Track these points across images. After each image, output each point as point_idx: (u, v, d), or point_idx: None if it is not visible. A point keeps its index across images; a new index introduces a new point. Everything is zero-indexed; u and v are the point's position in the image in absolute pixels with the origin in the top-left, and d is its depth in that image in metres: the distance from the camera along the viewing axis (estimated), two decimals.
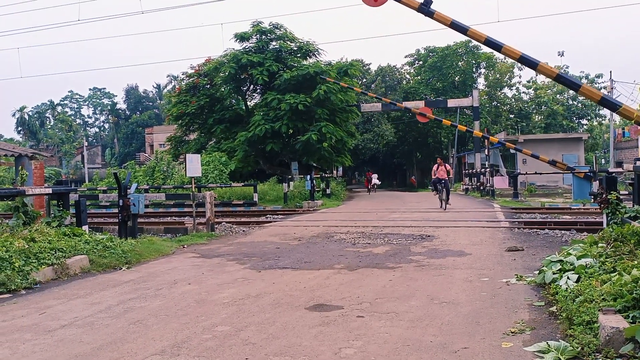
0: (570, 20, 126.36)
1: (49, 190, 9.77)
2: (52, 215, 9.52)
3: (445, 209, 17.04)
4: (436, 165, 18.81)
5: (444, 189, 17.74)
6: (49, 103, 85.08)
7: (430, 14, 7.04)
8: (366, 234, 11.28)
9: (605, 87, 48.75)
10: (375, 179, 36.34)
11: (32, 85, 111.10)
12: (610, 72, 70.20)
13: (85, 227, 9.45)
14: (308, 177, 23.07)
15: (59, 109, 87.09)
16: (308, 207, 20.80)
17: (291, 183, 24.61)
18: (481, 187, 26.79)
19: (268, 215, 17.83)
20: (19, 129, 75.61)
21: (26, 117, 74.97)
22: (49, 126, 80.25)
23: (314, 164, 30.41)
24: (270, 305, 5.44)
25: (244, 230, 12.88)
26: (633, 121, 5.53)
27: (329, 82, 27.29)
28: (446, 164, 18.82)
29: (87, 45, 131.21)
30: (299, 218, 16.15)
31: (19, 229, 8.34)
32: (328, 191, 26.17)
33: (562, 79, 6.30)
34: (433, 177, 18.84)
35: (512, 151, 37.20)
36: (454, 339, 4.19)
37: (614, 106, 5.79)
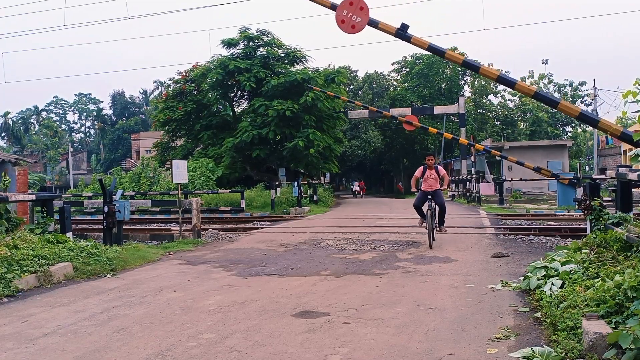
0: (555, 29, 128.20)
1: (33, 197, 9.66)
2: (36, 222, 9.41)
3: (431, 245, 9.86)
4: (422, 167, 10.70)
5: (436, 208, 10.44)
6: (33, 108, 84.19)
7: (407, 38, 7.14)
8: (353, 240, 11.29)
9: (588, 95, 49.49)
10: (357, 186, 44.06)
11: (16, 90, 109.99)
12: (594, 80, 71.22)
13: (70, 234, 9.34)
14: (295, 183, 23.06)
15: (44, 114, 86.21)
16: (295, 213, 20.77)
17: (278, 189, 24.58)
18: (467, 194, 26.99)
19: (255, 222, 17.77)
20: (3, 134, 74.63)
21: (10, 122, 74.02)
22: (34, 132, 79.35)
23: (302, 171, 30.42)
24: (257, 312, 5.42)
25: (230, 237, 12.83)
26: (608, 133, 5.62)
27: (317, 90, 27.38)
28: (439, 166, 10.77)
29: (73, 50, 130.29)
30: (286, 224, 16.12)
31: (1, 236, 8.22)
32: (315, 197, 26.17)
33: (540, 97, 6.43)
34: (414, 187, 10.96)
35: (497, 158, 37.57)
36: (440, 345, 4.20)
37: (593, 121, 5.90)
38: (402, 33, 7.03)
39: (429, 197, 10.26)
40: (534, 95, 6.31)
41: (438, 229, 10.58)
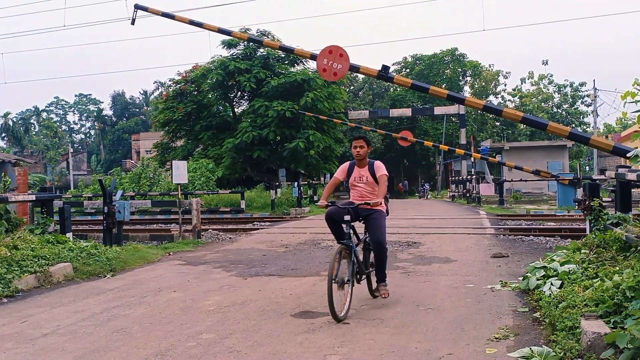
0: (556, 29, 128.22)
1: (33, 197, 9.66)
2: (36, 222, 9.41)
3: (337, 316, 4.88)
4: (348, 164, 5.97)
5: (370, 247, 5.72)
6: (33, 109, 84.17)
7: (389, 79, 7.29)
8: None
9: (588, 96, 49.49)
10: None
11: (16, 91, 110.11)
12: (594, 80, 71.18)
13: (70, 235, 9.34)
14: (295, 184, 23.10)
15: (44, 115, 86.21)
16: (295, 214, 20.78)
17: (278, 190, 24.59)
18: (467, 194, 26.99)
19: (255, 222, 17.78)
20: (3, 135, 74.63)
21: (10, 123, 74.01)
22: (34, 132, 79.36)
23: (302, 171, 30.45)
24: (256, 312, 5.42)
25: (230, 238, 12.83)
26: (601, 150, 5.67)
27: (316, 90, 27.38)
28: (376, 162, 5.84)
29: (73, 51, 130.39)
30: (286, 225, 16.12)
31: (1, 236, 8.23)
32: (315, 198, 26.17)
33: (528, 121, 6.56)
34: (324, 199, 5.81)
35: (498, 158, 37.59)
36: (439, 345, 4.21)
37: (584, 139, 5.97)
38: (384, 74, 7.19)
39: (346, 219, 5.39)
40: (523, 120, 6.43)
41: (375, 287, 5.69)
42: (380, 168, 5.78)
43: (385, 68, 7.14)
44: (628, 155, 3.85)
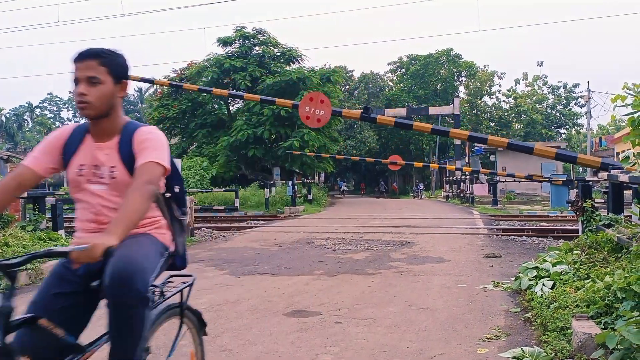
0: (550, 30, 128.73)
1: (24, 194, 9.59)
2: (28, 219, 9.37)
3: None
4: (69, 133, 2.33)
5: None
6: (27, 105, 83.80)
7: (372, 119, 7.47)
8: (347, 240, 11.30)
9: (582, 97, 49.71)
10: (344, 186, 50.71)
11: (9, 87, 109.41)
12: (588, 82, 71.32)
13: (62, 232, 9.30)
14: (290, 182, 23.10)
15: (38, 111, 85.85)
16: (289, 213, 20.77)
17: (273, 189, 24.58)
18: (461, 194, 27.07)
19: (249, 221, 17.76)
20: None
21: (3, 119, 73.69)
22: (27, 129, 79.02)
23: (296, 170, 30.45)
24: (248, 311, 5.41)
25: (224, 236, 12.81)
26: (589, 167, 5.79)
27: (312, 89, 27.40)
28: (144, 129, 2.32)
29: (67, 47, 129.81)
30: (280, 224, 16.11)
31: None
32: (310, 197, 26.18)
33: (514, 146, 6.71)
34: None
35: (492, 159, 37.68)
36: (431, 345, 4.21)
37: (571, 158, 6.07)
38: (366, 116, 7.37)
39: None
40: (508, 146, 6.61)
41: None
42: (154, 144, 2.31)
43: (366, 109, 7.37)
44: (620, 157, 3.88)
